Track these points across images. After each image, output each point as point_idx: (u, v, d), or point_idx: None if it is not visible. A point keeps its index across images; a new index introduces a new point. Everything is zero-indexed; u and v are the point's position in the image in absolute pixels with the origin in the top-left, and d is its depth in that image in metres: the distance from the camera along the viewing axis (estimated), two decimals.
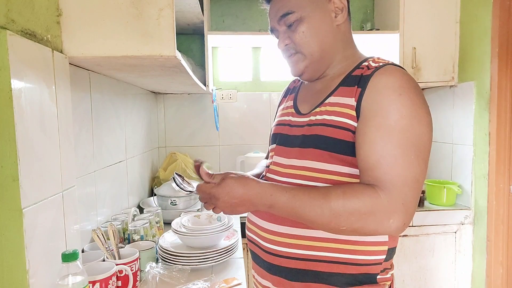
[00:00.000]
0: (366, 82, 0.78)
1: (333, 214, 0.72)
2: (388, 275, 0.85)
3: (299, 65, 0.89)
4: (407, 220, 0.72)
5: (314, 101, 0.89)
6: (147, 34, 0.96)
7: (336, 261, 0.80)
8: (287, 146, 0.89)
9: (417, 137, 0.73)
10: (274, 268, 0.86)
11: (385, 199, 0.70)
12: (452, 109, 2.21)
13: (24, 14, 0.79)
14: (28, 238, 0.75)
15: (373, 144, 0.74)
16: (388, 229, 0.72)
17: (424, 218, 2.01)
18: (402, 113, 0.73)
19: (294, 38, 0.87)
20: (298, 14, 0.85)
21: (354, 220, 0.71)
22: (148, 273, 1.11)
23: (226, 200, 0.77)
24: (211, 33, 2.01)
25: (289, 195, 0.75)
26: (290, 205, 0.75)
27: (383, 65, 0.80)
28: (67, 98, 0.97)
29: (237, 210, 0.79)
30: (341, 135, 0.79)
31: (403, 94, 0.74)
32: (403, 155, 0.72)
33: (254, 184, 0.78)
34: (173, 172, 2.14)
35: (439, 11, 2.07)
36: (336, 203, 0.71)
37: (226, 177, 0.79)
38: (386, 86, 0.75)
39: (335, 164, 0.79)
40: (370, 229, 0.73)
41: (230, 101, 2.44)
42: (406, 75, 0.78)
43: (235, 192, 0.77)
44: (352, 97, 0.79)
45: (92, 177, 1.27)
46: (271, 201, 0.76)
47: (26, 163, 0.75)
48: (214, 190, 0.78)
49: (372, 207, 0.70)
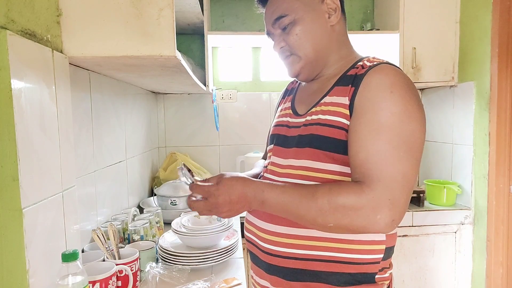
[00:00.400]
0: (359, 81, 0.79)
1: (319, 210, 0.72)
2: (387, 274, 0.85)
3: (295, 67, 0.91)
4: (396, 217, 0.71)
5: (310, 102, 0.90)
6: (147, 34, 0.96)
7: (334, 260, 0.80)
8: (285, 146, 0.90)
9: (407, 134, 0.73)
10: (272, 268, 0.86)
11: (370, 194, 0.70)
12: (452, 109, 2.21)
13: (24, 14, 0.79)
14: (28, 238, 0.75)
15: (363, 141, 0.74)
16: (377, 225, 0.71)
17: (424, 218, 2.01)
18: (393, 110, 0.73)
19: (289, 41, 0.88)
20: (292, 16, 0.86)
21: (340, 217, 0.72)
22: (148, 273, 1.11)
23: (226, 198, 0.78)
24: (211, 33, 2.02)
25: (279, 191, 0.77)
26: (280, 201, 0.76)
27: (377, 64, 0.81)
28: (67, 98, 0.97)
29: (234, 208, 0.79)
30: (335, 134, 0.80)
31: (394, 92, 0.74)
32: (392, 152, 0.72)
33: (249, 181, 0.80)
34: (173, 172, 2.14)
35: (439, 11, 2.07)
36: (322, 199, 0.72)
37: (223, 177, 0.80)
38: (378, 84, 0.76)
39: (330, 163, 0.80)
40: (358, 226, 0.72)
41: (230, 101, 2.44)
42: (399, 73, 0.78)
43: (234, 189, 0.78)
44: (346, 96, 0.80)
45: (92, 177, 1.27)
46: (263, 197, 0.77)
47: (26, 163, 0.75)
48: (213, 189, 0.79)
49: (356, 203, 0.70)
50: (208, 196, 0.80)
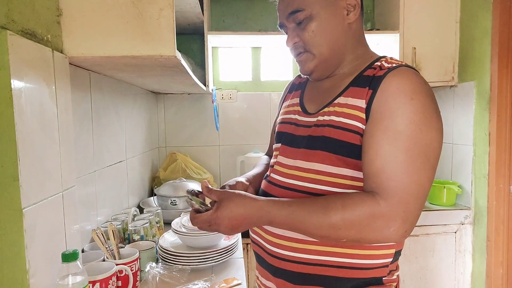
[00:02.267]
0: (377, 83, 0.75)
1: (332, 228, 0.71)
2: (394, 276, 0.84)
3: (308, 65, 0.86)
4: (409, 228, 0.70)
5: (322, 101, 0.86)
6: (147, 34, 0.96)
7: (343, 265, 0.78)
8: (293, 146, 0.87)
9: (425, 143, 0.70)
10: (279, 271, 0.84)
11: (385, 207, 0.69)
12: (452, 109, 2.21)
13: (24, 14, 0.79)
14: (28, 238, 0.75)
15: (379, 149, 0.71)
16: (389, 237, 0.70)
17: (424, 218, 2.01)
18: (412, 118, 0.70)
19: (303, 37, 0.83)
20: (308, 11, 0.81)
21: (354, 233, 0.70)
22: (148, 273, 1.11)
23: (227, 224, 0.76)
24: (211, 33, 2.01)
25: (287, 212, 0.74)
26: (289, 221, 0.74)
27: (396, 67, 0.77)
28: (67, 98, 0.97)
29: (238, 230, 0.78)
30: (349, 138, 0.76)
31: (414, 99, 0.71)
32: (408, 162, 0.70)
33: (252, 202, 0.76)
34: (173, 172, 2.14)
35: (439, 11, 2.07)
36: (335, 217, 0.70)
37: (222, 201, 0.77)
38: (397, 89, 0.73)
39: (342, 167, 0.78)
40: (371, 239, 0.72)
41: (230, 101, 2.44)
42: (420, 79, 0.75)
43: (235, 214, 0.75)
44: (363, 98, 0.77)
45: (92, 177, 1.26)
46: (269, 218, 0.75)
47: (26, 163, 0.75)
48: (213, 217, 0.77)
49: (371, 218, 0.69)
50: (209, 225, 0.78)
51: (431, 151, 0.71)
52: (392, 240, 0.72)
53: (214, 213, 0.76)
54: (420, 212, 0.72)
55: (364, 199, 0.70)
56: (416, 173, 0.70)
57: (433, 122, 0.72)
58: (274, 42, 2.21)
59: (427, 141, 0.71)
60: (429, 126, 0.71)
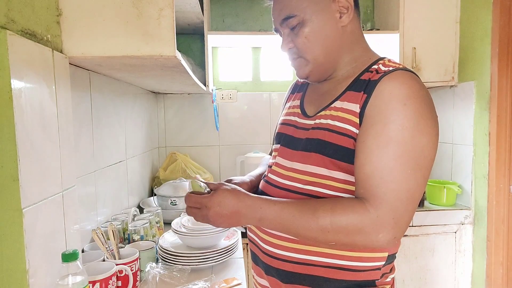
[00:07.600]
0: (372, 88, 0.75)
1: (320, 230, 0.71)
2: (388, 279, 0.84)
3: (303, 70, 0.86)
4: (398, 235, 0.70)
5: (320, 104, 0.86)
6: (147, 34, 0.96)
7: (332, 266, 0.78)
8: (291, 148, 0.88)
9: (417, 150, 0.70)
10: (271, 269, 0.85)
11: (374, 214, 0.69)
12: (452, 109, 2.21)
13: (24, 14, 0.79)
14: (28, 238, 0.75)
15: (370, 154, 0.71)
16: (378, 243, 0.71)
17: (424, 218, 2.01)
18: (404, 124, 0.69)
19: (297, 43, 0.83)
20: (300, 17, 0.81)
21: (342, 237, 0.71)
22: (148, 273, 1.11)
23: (217, 211, 0.77)
24: (211, 33, 2.01)
25: (277, 208, 0.75)
26: (279, 219, 0.74)
27: (392, 70, 0.76)
28: (67, 98, 0.97)
29: (227, 222, 0.78)
30: (343, 142, 0.76)
31: (407, 104, 0.70)
32: (399, 168, 0.69)
33: (245, 197, 0.78)
34: (173, 172, 2.14)
35: (439, 11, 2.07)
36: (323, 220, 0.71)
37: (219, 188, 0.79)
38: (390, 94, 0.72)
39: (335, 171, 0.78)
40: (359, 245, 0.73)
41: (230, 101, 2.44)
42: (416, 83, 0.73)
43: (227, 203, 0.76)
44: (357, 103, 0.76)
45: (92, 177, 1.26)
46: (260, 214, 0.76)
47: (26, 163, 0.75)
48: (206, 200, 0.78)
49: (359, 224, 0.69)
50: (200, 207, 0.79)
51: (423, 158, 0.70)
52: (380, 246, 0.72)
53: (207, 197, 0.78)
54: (410, 219, 0.72)
55: (354, 205, 0.71)
56: (406, 180, 0.69)
57: (427, 128, 0.71)
58: (274, 42, 2.21)
59: (418, 148, 0.70)
60: (421, 132, 0.70)
